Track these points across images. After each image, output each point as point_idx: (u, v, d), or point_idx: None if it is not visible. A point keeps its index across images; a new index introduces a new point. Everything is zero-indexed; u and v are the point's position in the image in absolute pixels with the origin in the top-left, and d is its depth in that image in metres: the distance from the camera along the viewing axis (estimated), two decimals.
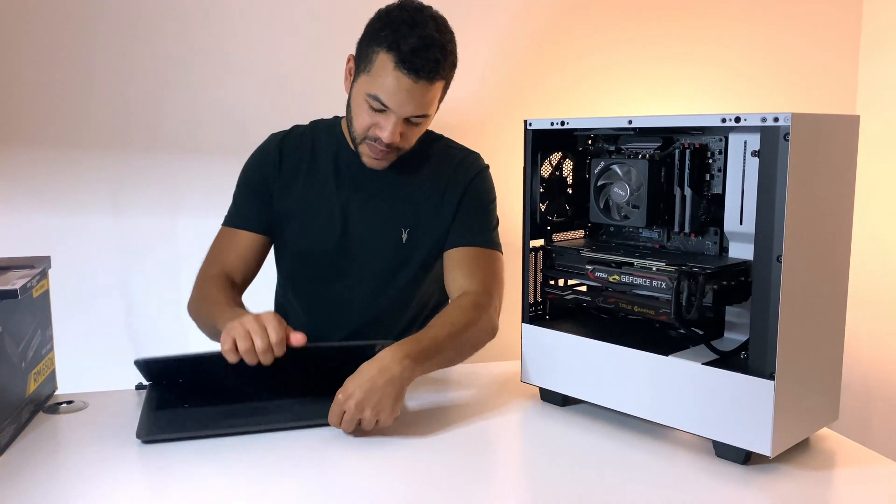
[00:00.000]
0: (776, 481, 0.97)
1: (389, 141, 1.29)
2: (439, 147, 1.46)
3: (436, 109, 1.34)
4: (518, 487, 1.01)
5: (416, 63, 1.22)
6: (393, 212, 1.40)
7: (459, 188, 1.42)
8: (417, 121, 1.30)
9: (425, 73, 1.23)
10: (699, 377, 1.02)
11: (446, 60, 1.26)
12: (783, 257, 0.94)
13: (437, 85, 1.27)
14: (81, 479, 0.99)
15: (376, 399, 1.08)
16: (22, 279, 1.15)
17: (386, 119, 1.28)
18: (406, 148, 1.35)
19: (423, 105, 1.27)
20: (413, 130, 1.32)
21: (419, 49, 1.22)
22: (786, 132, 0.92)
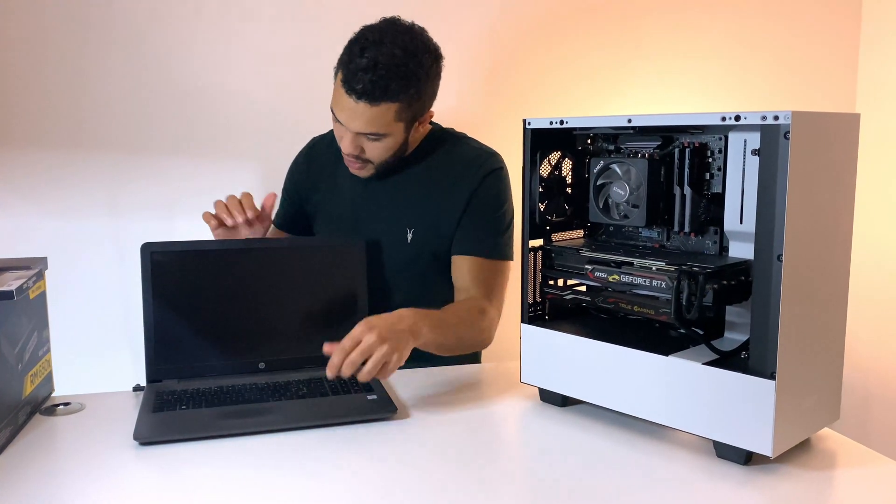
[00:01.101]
0: (777, 482, 0.97)
1: (346, 151, 1.36)
2: (454, 147, 1.48)
3: (402, 129, 1.35)
4: (517, 488, 1.00)
5: (356, 84, 1.27)
6: (399, 212, 1.44)
7: (466, 189, 1.42)
8: (374, 138, 1.34)
9: (365, 95, 1.27)
10: (699, 377, 1.02)
11: (396, 83, 1.27)
12: (784, 256, 0.93)
13: (384, 107, 1.29)
14: (79, 481, 0.99)
15: (396, 340, 1.13)
16: (18, 280, 1.15)
17: (343, 132, 1.35)
18: (376, 161, 1.39)
19: (370, 124, 1.31)
20: (373, 146, 1.36)
21: (363, 70, 1.26)
22: (786, 130, 0.92)
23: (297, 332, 1.35)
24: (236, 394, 1.23)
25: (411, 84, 1.29)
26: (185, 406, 1.18)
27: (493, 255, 1.42)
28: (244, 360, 1.32)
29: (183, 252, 1.31)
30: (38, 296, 1.24)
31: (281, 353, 1.34)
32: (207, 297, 1.32)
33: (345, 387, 1.26)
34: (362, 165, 1.40)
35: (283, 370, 1.33)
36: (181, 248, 1.32)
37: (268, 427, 1.12)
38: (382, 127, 1.32)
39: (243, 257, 1.33)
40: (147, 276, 1.29)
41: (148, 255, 1.29)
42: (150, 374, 1.29)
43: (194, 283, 1.31)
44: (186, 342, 1.30)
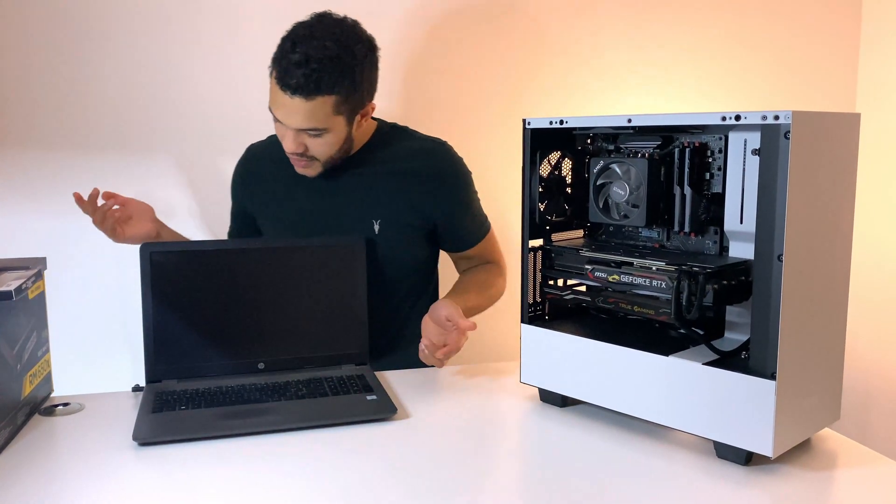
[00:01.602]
0: (778, 482, 0.97)
1: (289, 150, 1.35)
2: (400, 139, 1.50)
3: (342, 122, 1.34)
4: (517, 488, 1.00)
5: (290, 80, 1.27)
6: (363, 206, 1.45)
7: (432, 188, 1.45)
8: (315, 133, 1.33)
9: (299, 90, 1.27)
10: (700, 377, 1.02)
11: (331, 76, 1.27)
12: (784, 256, 0.93)
13: (320, 100, 1.28)
14: (78, 481, 0.99)
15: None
16: (17, 280, 1.14)
17: (284, 130, 1.34)
18: (321, 159, 1.38)
19: (308, 119, 1.30)
20: (317, 143, 1.35)
21: (295, 65, 1.26)
22: (786, 130, 0.92)
23: (296, 332, 1.35)
24: (236, 394, 1.22)
25: (345, 76, 1.29)
26: (184, 406, 1.18)
27: (484, 233, 1.55)
28: (243, 360, 1.32)
29: (182, 252, 1.31)
30: (37, 296, 1.24)
31: (280, 354, 1.34)
32: (207, 298, 1.31)
33: (344, 387, 1.26)
34: (308, 164, 1.38)
35: (283, 370, 1.33)
36: (180, 248, 1.32)
37: (267, 427, 1.12)
38: (321, 121, 1.31)
39: (242, 258, 1.33)
40: (147, 277, 1.29)
41: (147, 255, 1.29)
42: (149, 374, 1.29)
43: (194, 284, 1.31)
44: (186, 342, 1.30)
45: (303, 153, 1.36)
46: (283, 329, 1.34)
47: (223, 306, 1.32)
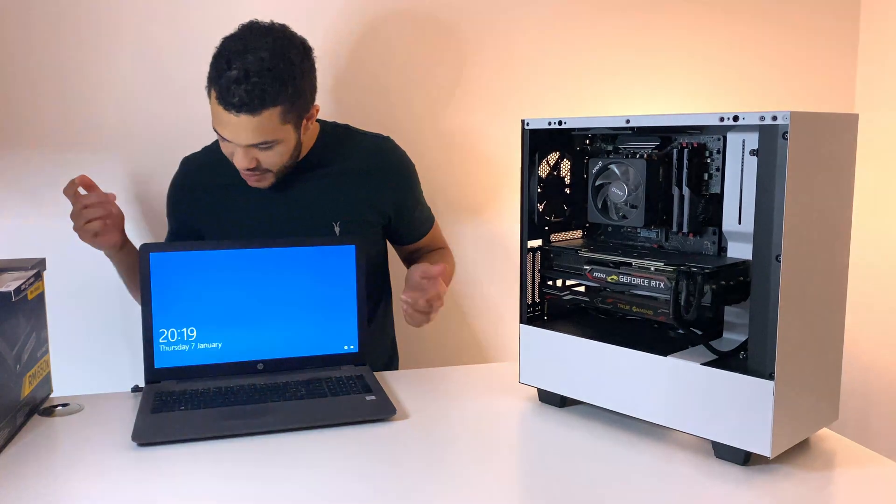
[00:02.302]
0: (776, 482, 0.97)
1: (242, 167, 1.33)
2: (346, 138, 1.51)
3: (291, 130, 1.33)
4: (516, 488, 1.00)
5: (232, 98, 1.24)
6: (319, 209, 1.45)
7: (387, 183, 1.49)
8: (266, 146, 1.31)
9: (244, 107, 1.24)
10: (698, 378, 1.02)
11: (273, 87, 1.25)
12: (782, 257, 0.93)
13: (266, 114, 1.26)
14: (77, 482, 0.99)
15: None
16: (16, 281, 1.14)
17: (233, 148, 1.32)
18: (274, 169, 1.37)
19: (257, 135, 1.28)
20: (268, 155, 1.33)
21: (235, 83, 1.24)
22: (784, 131, 0.92)
23: (296, 332, 1.35)
24: (235, 395, 1.23)
25: (287, 84, 1.27)
26: (183, 407, 1.18)
27: (432, 222, 1.61)
28: (243, 360, 1.32)
29: (182, 253, 1.31)
30: (36, 296, 1.24)
31: (279, 354, 1.34)
32: (206, 298, 1.31)
33: (343, 388, 1.26)
34: (261, 177, 1.37)
35: (282, 371, 1.33)
36: (180, 249, 1.32)
37: (267, 428, 1.12)
38: (270, 134, 1.29)
39: (241, 258, 1.33)
40: (146, 277, 1.29)
41: (147, 256, 1.29)
42: (148, 374, 1.29)
43: (193, 284, 1.31)
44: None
45: (255, 167, 1.34)
46: (283, 329, 1.34)
47: (222, 306, 1.32)
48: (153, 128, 1.68)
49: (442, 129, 1.83)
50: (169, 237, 1.56)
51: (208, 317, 1.31)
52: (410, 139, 1.60)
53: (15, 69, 1.60)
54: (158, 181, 1.68)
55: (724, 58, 1.99)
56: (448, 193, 1.85)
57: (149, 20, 1.64)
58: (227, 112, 1.26)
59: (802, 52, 2.04)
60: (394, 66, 1.78)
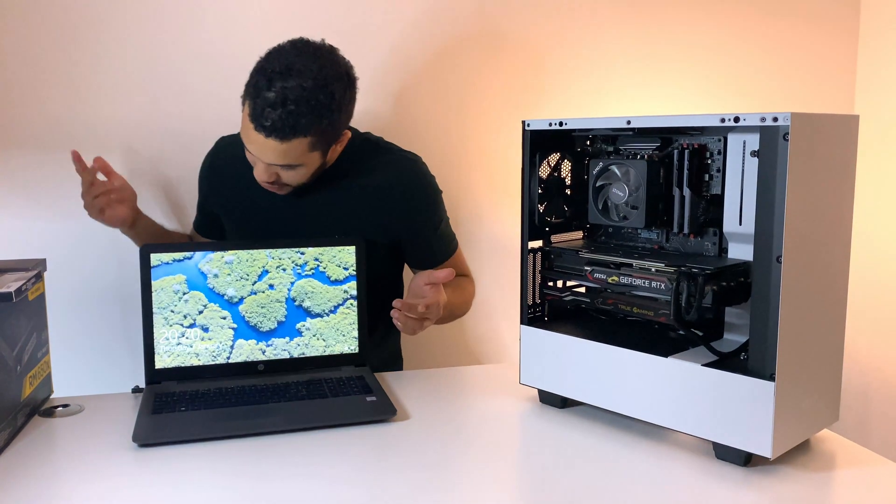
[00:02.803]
0: (777, 483, 0.97)
1: (262, 180, 1.32)
2: (372, 154, 1.46)
3: (317, 156, 1.31)
4: (517, 489, 1.00)
5: (265, 121, 1.21)
6: (326, 219, 1.43)
7: (400, 206, 1.43)
8: (288, 168, 1.29)
9: (275, 133, 1.22)
10: (699, 379, 1.02)
11: (307, 119, 1.22)
12: (783, 258, 0.93)
13: (296, 142, 1.24)
14: (78, 483, 0.99)
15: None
16: (17, 282, 1.14)
17: (255, 160, 1.30)
18: (293, 185, 1.35)
19: (283, 157, 1.26)
20: (290, 174, 1.31)
21: (271, 107, 1.21)
22: (785, 132, 0.92)
23: (296, 332, 1.35)
24: (235, 395, 1.23)
25: (323, 116, 1.24)
26: (184, 408, 1.18)
27: (451, 252, 1.52)
28: (243, 361, 1.32)
29: (182, 254, 1.31)
30: (37, 297, 1.24)
31: (280, 355, 1.34)
32: (206, 298, 1.31)
33: (344, 388, 1.26)
34: (279, 188, 1.36)
35: (283, 372, 1.33)
36: (180, 249, 1.32)
37: (267, 429, 1.12)
38: (296, 159, 1.27)
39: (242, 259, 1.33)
40: (146, 278, 1.29)
41: (147, 256, 1.29)
42: (149, 375, 1.29)
43: (193, 284, 1.31)
44: None
45: (274, 182, 1.33)
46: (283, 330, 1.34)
47: (223, 306, 1.32)
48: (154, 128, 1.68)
49: (441, 128, 1.83)
50: (198, 208, 1.58)
51: (209, 317, 1.31)
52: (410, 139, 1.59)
53: (16, 70, 1.60)
54: (159, 181, 1.69)
55: (724, 59, 1.99)
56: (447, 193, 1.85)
57: (150, 20, 1.64)
58: (257, 132, 1.23)
59: (803, 53, 2.05)
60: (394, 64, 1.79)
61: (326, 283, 1.36)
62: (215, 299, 1.32)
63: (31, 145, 1.63)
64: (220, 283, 1.32)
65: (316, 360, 1.35)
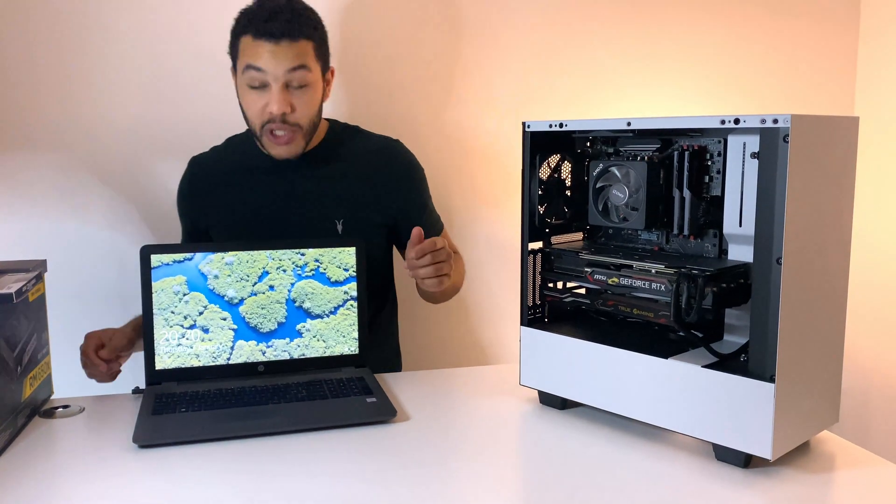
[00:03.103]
0: (777, 484, 0.97)
1: (280, 111, 1.34)
2: (355, 138, 1.52)
3: (319, 74, 1.38)
4: (517, 491, 1.00)
5: (271, 27, 1.31)
6: (322, 205, 1.46)
7: (394, 185, 1.49)
8: (300, 83, 1.34)
9: (286, 35, 1.31)
10: (699, 380, 1.02)
11: (301, 19, 1.34)
12: (783, 259, 0.94)
13: (302, 43, 1.33)
14: (78, 484, 0.99)
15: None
16: (18, 283, 1.15)
17: (269, 92, 1.34)
18: (304, 123, 1.38)
19: (297, 58, 1.32)
20: (301, 100, 1.36)
21: (270, 17, 1.31)
22: (785, 134, 0.92)
23: (296, 333, 1.35)
24: (236, 396, 1.23)
25: (318, 26, 1.38)
26: (184, 409, 1.18)
27: (440, 228, 1.58)
28: (243, 362, 1.32)
29: (182, 255, 1.31)
30: (37, 298, 1.24)
31: (280, 356, 1.34)
32: (206, 299, 1.31)
33: (344, 390, 1.26)
34: (291, 136, 1.38)
35: (283, 373, 1.33)
36: (180, 250, 1.32)
37: (267, 430, 1.12)
38: (307, 61, 1.34)
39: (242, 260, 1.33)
40: (147, 279, 1.29)
41: (147, 257, 1.29)
42: (149, 376, 1.29)
43: (193, 285, 1.31)
44: None
45: (286, 119, 1.35)
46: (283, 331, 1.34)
47: (223, 307, 1.32)
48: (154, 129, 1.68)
49: (442, 130, 1.83)
50: (183, 237, 1.57)
51: (209, 318, 1.31)
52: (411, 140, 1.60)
53: (16, 71, 1.60)
54: (160, 182, 1.69)
55: (725, 61, 1.99)
56: (448, 195, 1.85)
57: (151, 21, 1.64)
58: (267, 41, 1.31)
59: (803, 55, 2.05)
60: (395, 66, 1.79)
61: (327, 284, 1.36)
62: (215, 300, 1.32)
63: (31, 147, 1.63)
64: (220, 285, 1.32)
65: (316, 361, 1.35)
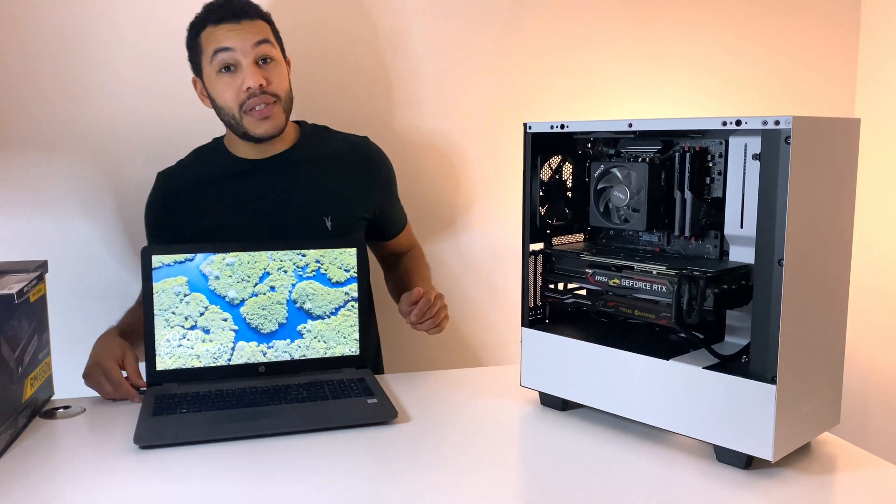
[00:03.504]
0: (778, 486, 0.97)
1: (257, 83, 1.36)
2: (328, 136, 1.55)
3: (282, 57, 1.43)
4: (517, 492, 1.00)
5: (229, 10, 1.37)
6: (309, 203, 1.46)
7: (374, 179, 1.54)
8: (267, 56, 1.39)
9: (244, 15, 1.37)
10: (700, 381, 1.02)
11: (250, 5, 1.40)
12: (784, 261, 0.94)
13: (259, 22, 1.39)
14: (79, 485, 0.99)
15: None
16: (19, 283, 1.15)
17: (241, 71, 1.37)
18: (281, 94, 1.41)
19: (259, 33, 1.37)
20: (273, 73, 1.40)
21: (224, 4, 1.38)
22: (787, 135, 0.92)
23: (297, 334, 1.35)
24: (236, 397, 1.23)
25: (266, 14, 1.43)
26: (185, 410, 1.18)
27: (406, 221, 1.65)
28: (244, 363, 1.32)
29: (183, 256, 1.31)
30: (38, 299, 1.24)
31: (281, 357, 1.34)
32: (206, 300, 1.31)
33: (345, 391, 1.26)
34: (272, 108, 1.39)
35: (283, 374, 1.33)
36: (182, 251, 1.32)
37: (268, 431, 1.12)
38: (269, 37, 1.39)
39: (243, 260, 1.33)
40: (147, 279, 1.29)
41: (148, 258, 1.29)
42: (150, 377, 1.29)
43: (194, 286, 1.31)
44: None
45: (265, 89, 1.37)
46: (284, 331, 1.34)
47: (224, 308, 1.32)
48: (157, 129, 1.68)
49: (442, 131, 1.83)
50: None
51: (210, 319, 1.31)
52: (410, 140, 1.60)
53: (16, 71, 1.60)
54: None
55: (725, 62, 1.99)
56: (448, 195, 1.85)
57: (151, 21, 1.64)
58: (229, 23, 1.36)
59: (804, 56, 2.05)
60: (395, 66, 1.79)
61: (328, 285, 1.36)
62: (216, 301, 1.32)
63: (33, 147, 1.63)
64: (221, 285, 1.32)
65: (317, 363, 1.35)
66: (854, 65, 2.09)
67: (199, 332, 1.31)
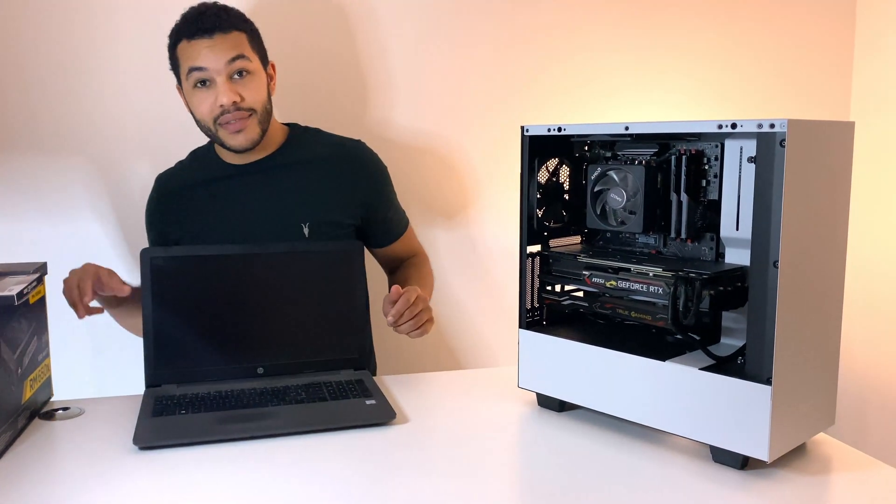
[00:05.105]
0: (773, 486, 0.97)
1: (230, 101, 1.36)
2: (316, 139, 1.54)
3: (260, 66, 1.41)
4: (515, 493, 1.01)
5: (202, 24, 1.35)
6: (287, 209, 1.46)
7: (358, 184, 1.50)
8: (242, 70, 1.37)
9: (216, 28, 1.35)
10: (696, 382, 1.03)
11: (228, 14, 1.38)
12: (780, 263, 0.94)
13: (235, 34, 1.37)
14: (78, 486, 0.99)
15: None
16: (18, 285, 1.15)
17: (215, 87, 1.37)
18: (256, 107, 1.40)
19: (234, 48, 1.36)
20: (248, 87, 1.38)
21: (198, 17, 1.37)
22: (782, 138, 0.93)
23: (295, 336, 1.35)
24: (235, 398, 1.23)
25: (247, 20, 1.41)
26: (184, 411, 1.18)
27: (406, 225, 1.62)
28: (243, 364, 1.33)
29: (182, 257, 1.32)
30: (37, 300, 1.24)
31: (280, 358, 1.34)
32: (206, 302, 1.32)
33: (343, 392, 1.26)
34: (245, 122, 1.38)
35: (282, 375, 1.33)
36: (181, 253, 1.33)
37: (267, 432, 1.13)
38: (244, 50, 1.37)
39: (242, 262, 1.34)
40: (147, 281, 1.29)
41: (148, 260, 1.29)
42: (149, 378, 1.29)
43: (193, 288, 1.32)
44: (186, 347, 1.30)
45: (238, 105, 1.37)
46: (283, 333, 1.35)
47: (223, 310, 1.32)
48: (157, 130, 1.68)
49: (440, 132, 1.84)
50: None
51: (209, 320, 1.32)
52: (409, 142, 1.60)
53: (16, 71, 1.61)
54: None
55: (721, 66, 2.00)
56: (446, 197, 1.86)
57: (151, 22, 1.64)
58: (202, 38, 1.34)
59: (799, 59, 2.06)
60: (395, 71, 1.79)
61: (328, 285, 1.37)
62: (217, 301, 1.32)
63: (32, 149, 1.63)
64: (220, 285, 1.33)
65: (315, 364, 1.36)
66: (850, 67, 2.10)
67: (199, 333, 1.31)
